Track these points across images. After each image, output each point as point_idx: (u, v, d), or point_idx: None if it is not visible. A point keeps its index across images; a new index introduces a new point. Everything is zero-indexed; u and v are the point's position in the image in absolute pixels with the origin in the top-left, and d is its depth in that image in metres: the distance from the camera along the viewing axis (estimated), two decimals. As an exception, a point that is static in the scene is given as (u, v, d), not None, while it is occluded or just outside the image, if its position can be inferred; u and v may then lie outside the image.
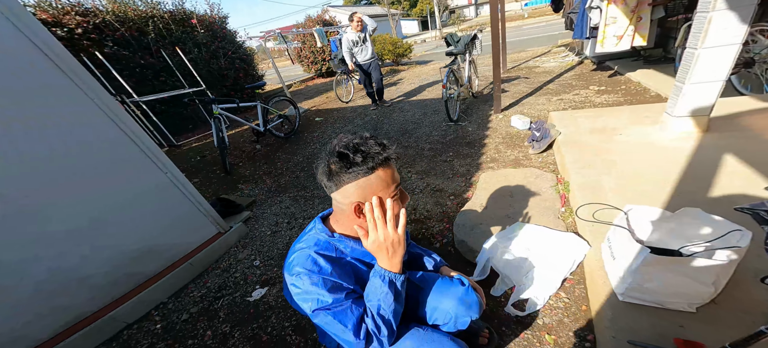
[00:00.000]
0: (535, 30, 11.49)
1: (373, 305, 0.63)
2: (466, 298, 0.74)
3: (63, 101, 1.24)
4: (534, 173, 1.85)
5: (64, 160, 1.25)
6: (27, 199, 1.16)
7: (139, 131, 1.49)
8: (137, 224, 1.49)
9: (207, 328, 1.35)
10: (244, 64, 5.91)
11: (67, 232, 1.27)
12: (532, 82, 4.26)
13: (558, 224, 1.37)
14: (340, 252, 0.69)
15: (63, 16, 3.70)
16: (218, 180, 2.96)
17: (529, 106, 3.31)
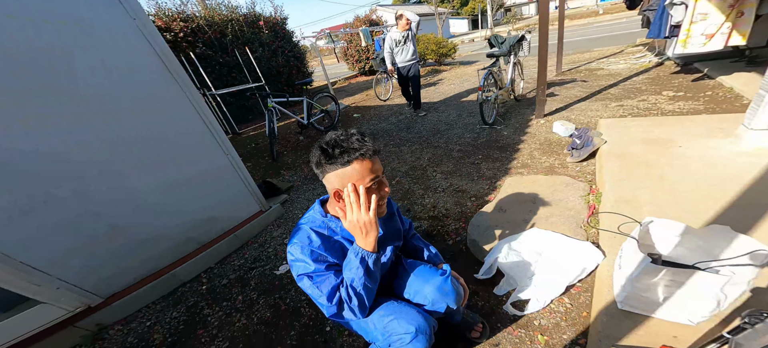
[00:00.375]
0: (609, 28, 10.17)
1: (348, 277, 0.72)
2: (444, 286, 0.83)
3: (164, 91, 1.64)
4: (564, 181, 1.78)
5: (159, 139, 1.63)
6: (130, 171, 1.53)
7: (213, 120, 1.86)
8: (203, 197, 1.85)
9: (239, 293, 1.58)
10: (297, 61, 6.60)
11: (156, 201, 1.64)
12: (589, 86, 3.88)
13: (578, 233, 1.33)
14: (332, 230, 0.79)
15: (171, 23, 4.64)
16: (266, 165, 3.44)
17: (578, 112, 3.06)
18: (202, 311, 1.51)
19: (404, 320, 0.74)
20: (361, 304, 0.73)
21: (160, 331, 1.44)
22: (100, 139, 1.39)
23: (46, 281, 1.27)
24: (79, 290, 1.38)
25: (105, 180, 1.43)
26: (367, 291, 0.73)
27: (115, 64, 1.41)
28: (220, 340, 1.31)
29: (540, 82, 2.90)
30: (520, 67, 3.88)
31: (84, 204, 1.37)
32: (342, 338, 1.21)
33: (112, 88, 1.41)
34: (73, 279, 1.35)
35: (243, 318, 1.42)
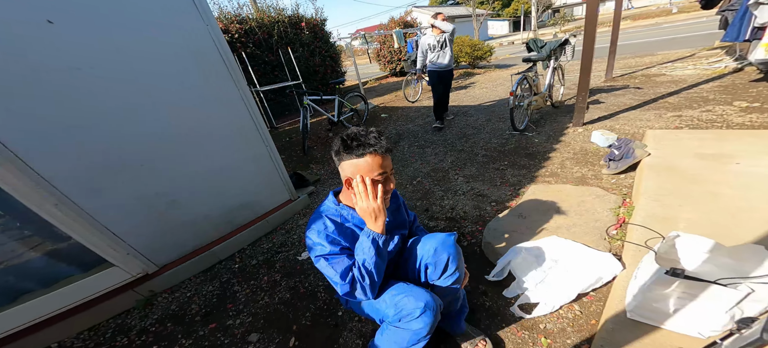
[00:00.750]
0: (683, 28, 9.09)
1: (360, 258, 0.81)
2: (447, 240, 0.93)
3: (222, 85, 1.89)
4: (595, 193, 1.70)
5: (216, 131, 1.90)
6: (190, 157, 1.81)
7: (257, 114, 2.12)
8: (243, 183, 2.11)
9: (265, 274, 1.75)
10: (332, 61, 7.00)
11: (208, 183, 1.90)
12: (643, 94, 3.56)
13: (600, 245, 1.30)
14: (344, 218, 0.90)
15: (229, 25, 5.28)
16: (297, 158, 3.74)
17: (624, 122, 2.83)
18: (232, 287, 1.71)
19: (413, 297, 0.82)
20: (372, 283, 0.81)
21: (197, 302, 1.63)
22: (172, 129, 1.69)
23: (121, 247, 1.56)
24: (142, 257, 1.65)
25: (172, 163, 1.72)
26: (378, 271, 0.82)
27: (188, 65, 1.71)
28: (244, 315, 1.49)
29: (581, 88, 2.75)
30: (560, 72, 3.71)
31: (157, 183, 1.66)
32: (352, 323, 1.32)
33: (188, 85, 1.71)
34: (140, 247, 1.64)
35: (266, 297, 1.59)
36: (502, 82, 5.91)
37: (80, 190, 1.40)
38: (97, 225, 1.45)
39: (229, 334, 1.38)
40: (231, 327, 1.42)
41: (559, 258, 1.26)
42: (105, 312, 1.59)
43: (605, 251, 1.25)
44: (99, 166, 1.45)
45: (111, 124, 1.46)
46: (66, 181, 1.35)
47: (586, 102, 2.83)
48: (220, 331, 1.40)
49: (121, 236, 1.54)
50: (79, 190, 1.39)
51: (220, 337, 1.37)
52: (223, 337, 1.37)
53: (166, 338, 1.42)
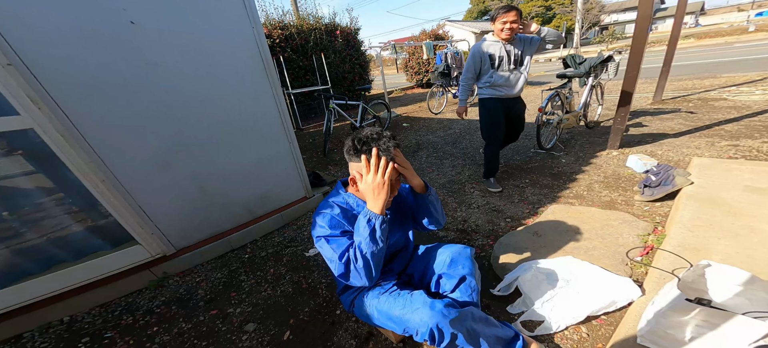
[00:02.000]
0: (759, 49, 8.48)
1: (356, 240, 0.85)
2: (464, 251, 1.03)
3: (258, 84, 2.03)
4: (622, 218, 1.64)
5: (248, 126, 2.11)
6: (223, 148, 2.03)
7: (285, 112, 2.30)
8: (265, 175, 2.28)
9: (272, 266, 1.83)
10: (361, 69, 7.36)
11: (234, 173, 2.11)
12: (696, 119, 3.33)
13: (620, 269, 1.25)
14: (349, 205, 0.99)
15: (273, 30, 5.79)
16: (317, 159, 3.95)
17: (668, 148, 2.68)
18: (239, 276, 1.82)
19: (421, 313, 0.84)
20: (367, 266, 0.83)
21: (204, 288, 1.72)
22: (212, 119, 1.90)
23: (148, 226, 1.74)
24: (164, 239, 1.83)
25: (206, 153, 1.93)
26: (374, 256, 0.83)
27: (234, 64, 1.94)
28: (246, 304, 1.58)
29: (621, 109, 2.63)
30: (599, 90, 3.59)
31: (192, 168, 1.87)
32: (349, 323, 1.36)
33: (230, 83, 1.94)
34: (164, 228, 1.82)
35: (269, 289, 1.68)
36: (532, 99, 5.80)
37: (126, 169, 1.61)
38: (133, 203, 1.66)
39: (228, 321, 1.47)
40: (231, 315, 1.51)
41: (571, 278, 1.23)
42: (118, 290, 1.71)
43: (624, 276, 1.20)
44: (151, 149, 1.67)
45: (168, 110, 1.69)
46: (117, 161, 1.57)
47: (625, 124, 2.71)
48: (220, 318, 1.50)
49: (151, 215, 1.74)
50: (125, 169, 1.61)
51: (219, 323, 1.46)
52: (221, 324, 1.46)
53: (168, 321, 1.52)
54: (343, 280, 0.90)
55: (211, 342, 1.36)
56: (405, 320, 0.89)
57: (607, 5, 21.63)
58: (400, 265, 1.16)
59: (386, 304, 0.96)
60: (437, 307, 0.84)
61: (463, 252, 1.04)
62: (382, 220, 0.84)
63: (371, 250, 0.83)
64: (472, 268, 1.01)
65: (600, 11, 20.50)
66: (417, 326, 0.85)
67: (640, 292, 1.06)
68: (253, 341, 1.33)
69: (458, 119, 5.04)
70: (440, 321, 0.82)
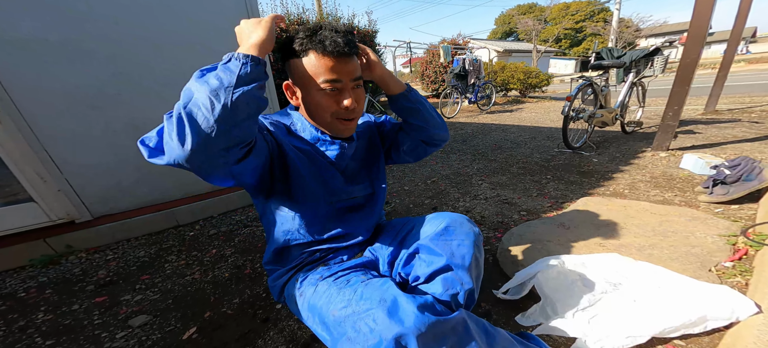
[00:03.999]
0: None
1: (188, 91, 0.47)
2: (461, 218, 0.71)
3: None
4: (688, 214, 1.22)
5: None
6: (177, 92, 1.86)
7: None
8: None
9: (216, 246, 1.54)
10: (374, 72, 7.36)
11: None
12: (765, 128, 2.87)
13: (702, 276, 0.82)
14: (288, 124, 0.72)
15: (291, 26, 5.83)
16: None
17: (737, 153, 2.24)
18: (168, 256, 1.50)
19: (386, 314, 0.48)
20: (180, 124, 0.44)
21: (109, 269, 1.40)
22: (167, 63, 1.64)
23: (54, 178, 1.38)
24: (76, 199, 1.47)
25: (157, 97, 1.59)
26: (200, 97, 0.45)
27: None
28: (153, 291, 1.24)
29: (672, 103, 2.22)
30: (641, 89, 3.15)
31: (130, 112, 1.54)
32: (289, 321, 1.02)
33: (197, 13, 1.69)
34: (78, 185, 1.47)
35: (197, 272, 1.36)
36: (555, 110, 5.46)
37: (33, 95, 1.30)
38: (35, 142, 1.33)
39: (111, 312, 1.11)
40: (121, 304, 1.16)
41: (623, 282, 0.81)
42: None
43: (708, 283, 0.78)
44: (75, 79, 1.38)
45: (107, 38, 1.43)
46: (20, 84, 1.28)
47: (678, 121, 2.29)
48: (102, 307, 1.15)
49: (59, 164, 1.40)
50: (32, 96, 1.30)
51: (95, 314, 1.11)
52: (98, 316, 1.10)
53: (22, 309, 1.16)
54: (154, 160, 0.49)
55: (64, 340, 0.99)
56: (344, 329, 0.52)
57: (644, 29, 21.36)
58: (362, 231, 0.77)
59: (324, 297, 0.59)
60: (404, 308, 0.49)
61: (465, 224, 0.68)
62: (238, 57, 0.49)
63: (190, 96, 0.45)
64: (473, 251, 0.64)
65: (636, 32, 20.27)
66: (365, 342, 0.48)
67: (756, 308, 0.64)
68: (129, 341, 0.97)
69: (471, 123, 4.72)
70: (405, 334, 0.46)
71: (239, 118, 0.47)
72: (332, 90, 0.62)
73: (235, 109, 0.46)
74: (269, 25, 0.55)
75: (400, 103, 0.76)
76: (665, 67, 2.85)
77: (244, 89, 0.47)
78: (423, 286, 0.63)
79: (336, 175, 0.72)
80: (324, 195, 0.70)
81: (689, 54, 2.11)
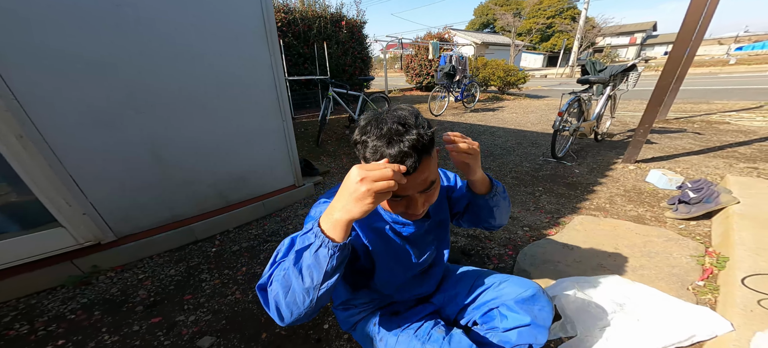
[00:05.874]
0: (739, 80, 8.85)
1: (282, 261, 0.51)
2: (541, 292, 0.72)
3: (253, 40, 1.78)
4: (665, 235, 1.44)
5: (230, 83, 1.76)
6: (195, 104, 1.67)
7: (282, 82, 1.96)
8: (246, 153, 1.91)
9: (245, 264, 1.55)
10: (362, 64, 7.15)
11: (207, 145, 1.74)
12: (705, 140, 3.28)
13: (684, 296, 1.02)
14: None
15: (277, 12, 5.46)
16: (308, 148, 3.64)
17: (686, 166, 2.56)
18: (200, 275, 1.49)
19: None
20: (278, 299, 0.49)
21: (147, 287, 1.39)
22: (182, 75, 1.56)
23: (79, 203, 1.33)
24: (101, 221, 1.44)
25: (171, 114, 1.55)
26: (291, 295, 0.48)
27: (224, 10, 1.63)
28: (204, 311, 1.26)
29: (645, 121, 2.47)
30: (614, 102, 3.46)
31: (147, 130, 1.49)
32: (340, 341, 1.09)
33: (212, 31, 1.62)
34: (102, 207, 1.43)
35: (238, 292, 1.38)
36: (533, 110, 5.75)
37: (56, 121, 1.23)
38: (60, 170, 1.27)
39: (175, 333, 1.14)
40: (179, 324, 1.18)
41: (626, 303, 0.99)
42: (19, 287, 1.29)
43: (689, 302, 0.98)
44: (92, 99, 1.30)
45: (121, 54, 1.34)
46: (43, 111, 1.20)
47: (646, 138, 2.57)
48: (163, 328, 1.16)
49: (84, 188, 1.36)
50: (54, 122, 1.23)
51: (160, 335, 1.13)
52: (163, 336, 1.12)
53: (83, 331, 1.14)
54: (260, 293, 0.55)
55: (146, 362, 1.02)
56: None
57: (604, 28, 22.56)
58: (430, 286, 0.84)
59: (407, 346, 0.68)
60: None
61: (545, 296, 0.75)
62: (325, 244, 0.47)
63: (290, 284, 0.48)
64: (552, 316, 0.73)
65: (598, 33, 21.38)
66: None
67: (730, 327, 0.83)
68: (205, 362, 1.01)
69: (459, 122, 4.87)
70: None
71: (324, 300, 0.50)
72: (399, 199, 0.57)
73: (321, 299, 0.49)
74: (370, 206, 0.45)
75: (479, 202, 0.71)
76: (636, 83, 3.16)
77: (329, 283, 0.48)
78: (502, 333, 0.73)
79: (410, 253, 0.71)
80: (400, 270, 0.72)
81: (665, 78, 2.35)
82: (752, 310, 0.85)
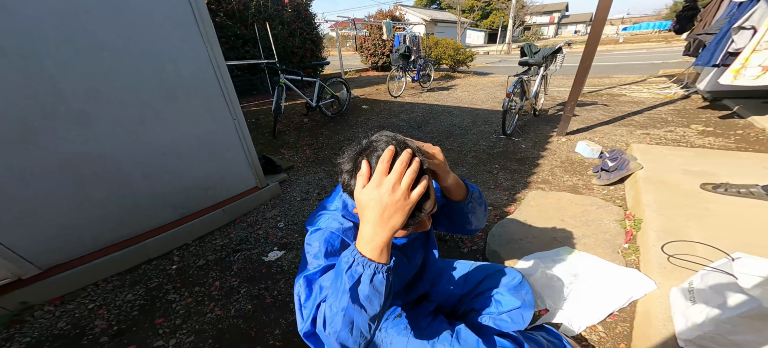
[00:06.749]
0: (628, 57, 10.25)
1: (329, 298, 0.46)
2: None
3: (185, 32, 1.47)
4: (596, 203, 1.64)
5: (170, 83, 1.46)
6: (129, 114, 1.38)
7: (227, 77, 1.67)
8: (197, 160, 1.66)
9: (217, 277, 1.40)
10: (313, 45, 6.47)
11: (153, 155, 1.47)
12: (611, 111, 3.79)
13: (616, 259, 1.20)
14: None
15: None
16: (264, 141, 3.28)
17: (601, 135, 2.94)
18: (166, 296, 1.31)
19: None
20: (342, 340, 0.45)
21: (104, 317, 1.20)
22: (115, 73, 1.24)
23: None
24: (13, 256, 1.14)
25: (103, 123, 1.25)
26: (352, 327, 0.44)
27: None
28: (183, 332, 1.12)
29: (572, 98, 2.76)
30: (546, 81, 3.77)
31: (73, 144, 1.19)
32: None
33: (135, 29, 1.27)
34: (17, 240, 1.14)
35: (217, 308, 1.24)
36: (482, 87, 6.00)
37: None
38: None
39: None
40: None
41: (578, 273, 1.12)
42: None
43: (621, 265, 1.15)
44: None
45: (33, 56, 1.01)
46: None
47: (573, 112, 2.87)
48: None
49: None
50: None
51: None
52: None
53: None
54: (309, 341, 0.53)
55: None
56: None
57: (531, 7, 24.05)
58: (425, 287, 0.86)
59: None
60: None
61: (527, 282, 0.84)
62: (378, 270, 0.43)
63: (352, 320, 0.44)
64: (534, 296, 0.83)
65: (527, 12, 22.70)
66: None
67: (654, 285, 1.00)
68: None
69: (418, 103, 4.86)
70: None
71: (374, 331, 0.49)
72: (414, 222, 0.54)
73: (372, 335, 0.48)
74: (410, 209, 0.44)
75: (455, 207, 0.67)
76: (562, 64, 3.48)
77: (388, 302, 0.48)
78: (498, 316, 0.79)
79: (403, 261, 0.70)
80: (397, 279, 0.69)
81: (585, 60, 2.60)
82: (665, 267, 1.03)
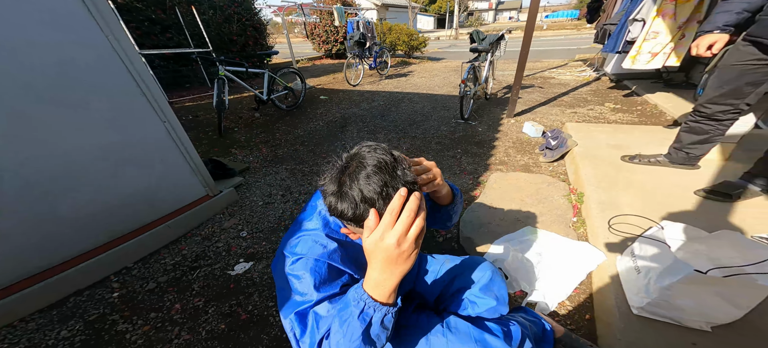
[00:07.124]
0: (552, 43, 11.43)
1: (335, 337, 0.46)
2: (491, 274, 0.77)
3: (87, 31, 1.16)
4: (546, 180, 1.79)
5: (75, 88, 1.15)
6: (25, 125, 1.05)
7: (145, 73, 1.37)
8: (122, 173, 1.38)
9: (176, 300, 1.23)
10: (256, 32, 5.69)
11: (57, 171, 1.16)
12: (546, 92, 4.18)
13: (569, 233, 1.31)
14: (349, 238, 0.61)
15: None
16: (209, 141, 2.84)
17: (541, 115, 3.23)
18: (114, 327, 1.10)
19: None
20: None
21: None
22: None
23: None
24: None
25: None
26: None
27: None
28: None
29: (517, 83, 2.94)
30: (493, 66, 3.96)
31: None
32: None
33: None
34: None
35: (185, 332, 1.07)
36: (437, 73, 6.09)
37: None
38: None
39: None
40: None
41: (542, 251, 1.20)
42: None
43: (575, 240, 1.27)
44: None
45: None
46: None
47: (518, 95, 3.09)
48: None
49: None
50: None
51: None
52: None
53: None
54: None
55: None
56: None
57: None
58: (407, 287, 0.83)
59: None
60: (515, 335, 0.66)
61: (499, 274, 0.82)
62: (389, 311, 0.45)
63: None
64: (506, 289, 0.81)
65: (469, -1, 23.63)
66: None
67: (604, 256, 1.12)
68: None
69: (378, 91, 4.71)
70: None
71: None
72: None
73: None
74: (416, 253, 0.44)
75: (442, 210, 0.70)
76: (505, 50, 3.71)
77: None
78: (477, 312, 0.77)
79: None
80: None
81: (526, 45, 2.78)
82: (607, 237, 1.16)
